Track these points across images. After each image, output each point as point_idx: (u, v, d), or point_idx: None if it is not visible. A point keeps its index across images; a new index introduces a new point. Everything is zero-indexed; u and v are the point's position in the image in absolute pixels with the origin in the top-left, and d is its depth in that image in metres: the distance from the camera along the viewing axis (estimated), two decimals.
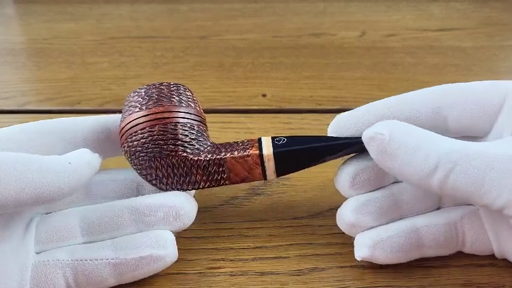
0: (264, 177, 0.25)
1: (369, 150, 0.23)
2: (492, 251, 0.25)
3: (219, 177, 0.25)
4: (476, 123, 0.24)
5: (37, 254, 0.24)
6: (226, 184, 0.25)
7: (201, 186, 0.25)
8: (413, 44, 0.47)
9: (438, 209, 0.26)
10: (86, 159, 0.23)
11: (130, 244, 0.24)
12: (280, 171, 0.25)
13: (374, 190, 0.25)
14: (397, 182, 0.26)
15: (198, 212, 0.29)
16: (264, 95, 0.40)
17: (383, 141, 0.22)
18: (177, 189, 0.25)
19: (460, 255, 0.26)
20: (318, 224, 0.28)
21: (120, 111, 0.26)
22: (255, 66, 0.44)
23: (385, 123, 0.22)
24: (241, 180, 0.25)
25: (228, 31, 0.49)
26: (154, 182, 0.25)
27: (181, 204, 0.25)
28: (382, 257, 0.25)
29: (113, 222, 0.25)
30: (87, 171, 0.23)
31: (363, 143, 0.23)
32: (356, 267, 0.26)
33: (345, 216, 0.25)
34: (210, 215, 0.29)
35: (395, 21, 0.51)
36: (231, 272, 0.26)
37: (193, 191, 0.26)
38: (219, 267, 0.26)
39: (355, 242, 0.25)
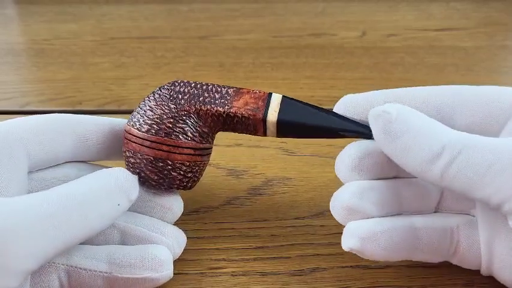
0: (269, 98, 0.25)
1: (373, 129, 0.22)
2: (479, 266, 0.24)
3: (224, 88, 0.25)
4: (484, 127, 0.24)
5: None
6: (227, 94, 0.25)
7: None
8: (413, 44, 0.47)
9: (435, 212, 0.25)
10: (131, 197, 0.23)
11: (126, 261, 0.23)
12: (283, 107, 0.24)
13: (376, 179, 0.24)
14: (398, 178, 0.25)
15: (199, 212, 0.29)
16: None
17: (389, 119, 0.21)
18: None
19: None
20: (320, 224, 0.28)
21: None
22: (256, 67, 0.44)
23: (394, 105, 0.22)
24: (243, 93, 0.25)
25: (228, 31, 0.49)
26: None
27: (173, 243, 0.25)
28: (371, 252, 0.23)
29: (102, 239, 0.24)
30: (127, 207, 0.23)
31: (369, 132, 0.23)
32: (357, 267, 0.26)
33: (343, 199, 0.23)
34: (211, 215, 0.29)
35: (396, 21, 0.51)
36: (233, 272, 0.26)
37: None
38: (221, 268, 0.26)
39: (345, 230, 0.24)
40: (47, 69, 0.44)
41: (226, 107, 0.25)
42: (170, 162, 0.24)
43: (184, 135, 0.24)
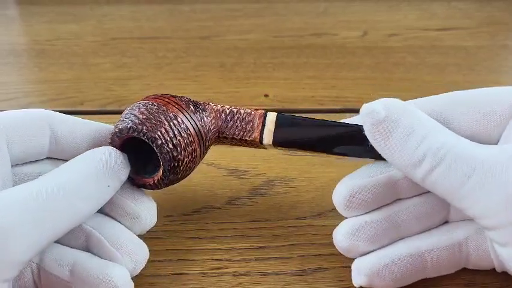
0: (265, 114, 0.26)
1: (363, 126, 0.22)
2: (493, 266, 0.24)
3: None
4: (482, 134, 0.23)
5: None
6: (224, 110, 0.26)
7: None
8: (415, 44, 0.47)
9: (446, 222, 0.25)
10: (122, 176, 0.23)
11: (85, 278, 0.22)
12: (281, 122, 0.25)
13: (372, 211, 0.24)
14: (399, 200, 0.24)
15: (201, 212, 0.29)
16: (266, 95, 0.40)
17: (378, 119, 0.22)
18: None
19: None
20: (321, 224, 0.28)
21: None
22: (257, 67, 0.44)
23: (385, 101, 0.22)
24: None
25: (229, 31, 0.49)
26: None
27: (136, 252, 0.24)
28: (381, 285, 0.24)
29: (70, 238, 0.24)
30: (118, 187, 0.23)
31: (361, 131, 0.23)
32: None
33: (338, 241, 0.24)
34: (212, 215, 0.29)
35: (397, 20, 0.51)
36: (234, 272, 0.26)
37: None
38: (222, 268, 0.26)
39: (353, 267, 0.24)
40: (48, 69, 0.44)
41: (231, 106, 0.26)
42: (164, 108, 0.25)
43: (186, 105, 0.25)
